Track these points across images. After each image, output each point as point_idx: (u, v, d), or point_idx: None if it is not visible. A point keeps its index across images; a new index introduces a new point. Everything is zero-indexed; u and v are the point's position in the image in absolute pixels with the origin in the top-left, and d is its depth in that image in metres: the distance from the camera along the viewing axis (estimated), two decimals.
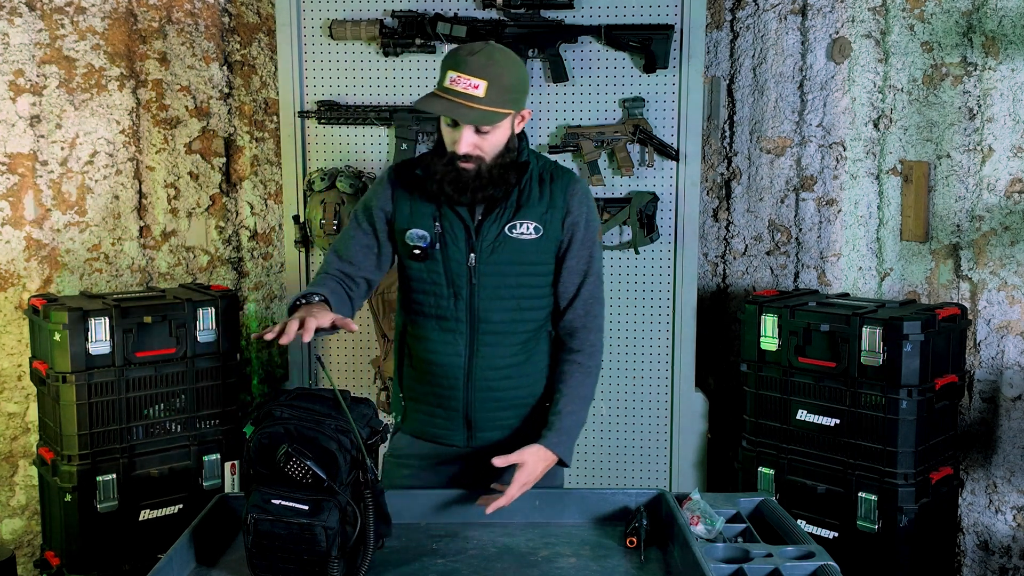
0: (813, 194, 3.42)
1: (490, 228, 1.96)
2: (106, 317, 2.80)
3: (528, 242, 1.97)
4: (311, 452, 1.52)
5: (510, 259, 1.97)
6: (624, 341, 3.16)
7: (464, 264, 1.97)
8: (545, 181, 2.00)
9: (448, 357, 2.00)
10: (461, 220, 1.96)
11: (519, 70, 1.91)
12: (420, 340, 2.03)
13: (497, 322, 1.98)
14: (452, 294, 1.98)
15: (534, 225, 1.97)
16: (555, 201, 1.99)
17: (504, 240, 1.96)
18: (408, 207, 2.00)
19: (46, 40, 3.28)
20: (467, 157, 1.89)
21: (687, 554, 1.57)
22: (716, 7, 3.54)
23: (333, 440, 1.54)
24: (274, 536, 1.51)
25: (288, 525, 1.51)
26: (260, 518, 1.51)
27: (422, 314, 2.02)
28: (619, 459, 3.20)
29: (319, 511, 1.50)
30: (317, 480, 1.51)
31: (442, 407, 2.03)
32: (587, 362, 2.04)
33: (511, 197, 1.97)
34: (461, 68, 1.84)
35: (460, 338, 1.99)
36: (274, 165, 3.68)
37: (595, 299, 2.05)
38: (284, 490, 1.52)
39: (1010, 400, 3.03)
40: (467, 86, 1.83)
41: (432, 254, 1.97)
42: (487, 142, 1.89)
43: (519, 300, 1.99)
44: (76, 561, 2.83)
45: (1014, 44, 2.94)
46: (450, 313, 1.98)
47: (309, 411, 1.60)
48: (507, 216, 1.97)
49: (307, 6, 3.12)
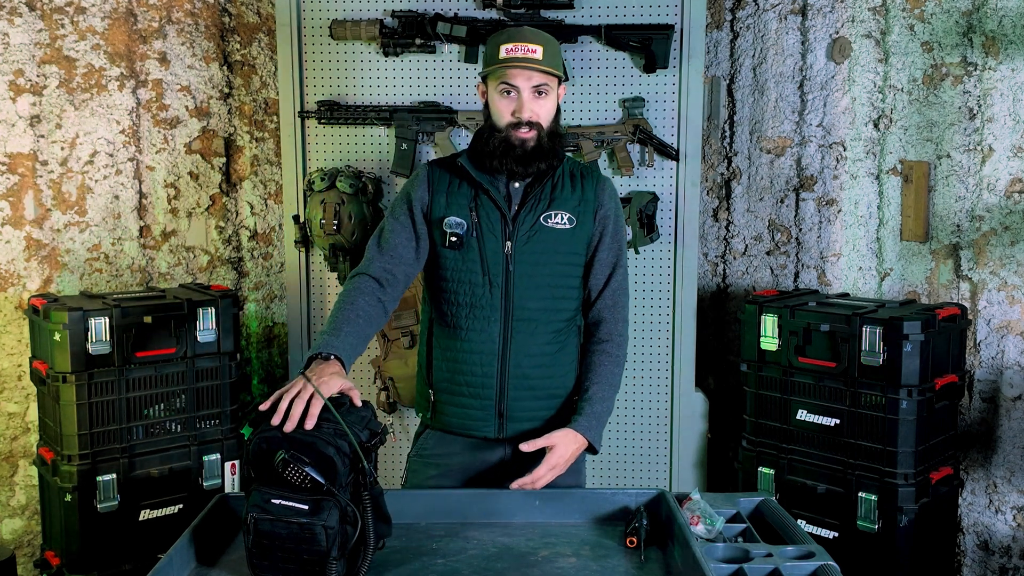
0: (813, 194, 3.42)
1: (526, 217, 2.02)
2: (106, 317, 2.80)
3: (563, 232, 2.04)
4: (309, 457, 1.51)
5: (545, 248, 2.03)
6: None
7: (500, 252, 2.02)
8: (576, 177, 2.09)
9: (482, 344, 2.03)
10: (498, 209, 2.02)
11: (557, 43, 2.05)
12: (453, 330, 2.05)
13: (532, 310, 2.03)
14: (487, 282, 2.01)
15: (568, 216, 2.04)
16: (587, 195, 2.07)
17: (540, 229, 2.02)
18: (444, 197, 2.05)
19: (46, 40, 3.28)
20: (528, 123, 1.97)
21: (687, 554, 1.57)
22: (716, 7, 3.54)
23: (331, 445, 1.53)
24: (274, 536, 1.51)
25: (288, 525, 1.50)
26: (260, 518, 1.51)
27: (456, 303, 2.05)
28: (619, 459, 3.20)
29: (319, 511, 1.50)
30: (316, 485, 1.51)
31: (475, 397, 2.05)
32: (615, 351, 2.10)
33: (545, 189, 2.05)
34: (516, 39, 1.97)
35: (494, 326, 2.02)
36: (274, 165, 3.68)
37: (622, 290, 2.12)
38: (284, 490, 1.52)
39: (1010, 400, 3.03)
40: (526, 51, 1.95)
41: (468, 242, 2.02)
42: (543, 108, 1.99)
43: (553, 289, 2.04)
44: (76, 561, 2.83)
45: (1014, 44, 2.94)
46: (485, 301, 2.02)
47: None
48: (542, 207, 2.03)
49: (307, 6, 3.12)
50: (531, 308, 2.03)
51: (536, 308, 2.03)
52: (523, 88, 1.97)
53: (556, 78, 2.00)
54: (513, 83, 1.97)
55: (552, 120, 2.02)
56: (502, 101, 2.00)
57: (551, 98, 2.01)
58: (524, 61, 1.94)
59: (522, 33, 1.98)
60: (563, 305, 2.07)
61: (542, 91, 1.98)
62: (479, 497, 1.88)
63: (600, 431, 2.04)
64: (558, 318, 2.06)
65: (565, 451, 1.95)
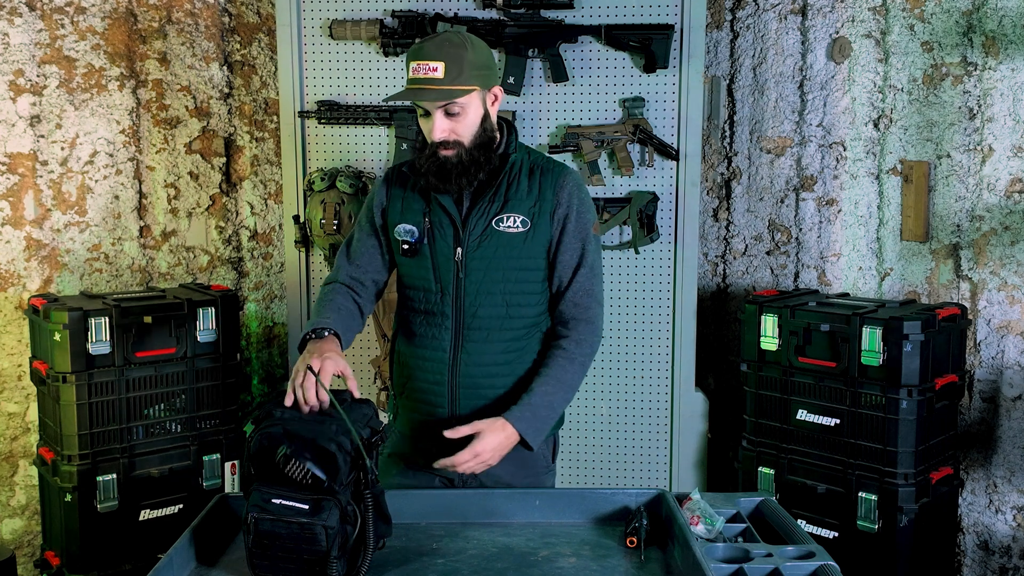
0: (813, 194, 3.42)
1: (477, 221, 1.96)
2: (106, 317, 2.80)
3: (515, 236, 1.96)
4: (310, 453, 1.51)
5: (497, 253, 1.95)
6: (624, 341, 3.16)
7: (451, 259, 1.97)
8: (535, 175, 1.99)
9: (434, 353, 1.99)
10: (448, 214, 1.97)
11: (478, 48, 1.92)
12: (409, 336, 2.04)
13: (484, 318, 1.97)
14: (439, 289, 1.98)
15: (521, 218, 1.96)
16: (544, 195, 1.97)
17: (491, 234, 1.95)
18: (400, 204, 2.02)
19: (46, 40, 3.28)
20: (444, 143, 1.90)
21: (687, 554, 1.57)
22: (716, 7, 3.54)
23: (333, 441, 1.53)
24: (274, 536, 1.51)
25: (288, 524, 1.50)
26: (260, 517, 1.51)
27: (412, 310, 2.03)
28: (619, 459, 3.20)
29: (319, 511, 1.50)
30: (317, 481, 1.51)
31: (428, 403, 2.02)
32: (573, 349, 1.99)
33: (500, 190, 1.96)
34: (418, 56, 1.88)
35: (446, 333, 1.98)
36: (274, 165, 3.68)
37: (587, 292, 2.00)
38: (284, 489, 1.52)
39: (1010, 400, 3.03)
40: (426, 71, 1.87)
41: (421, 249, 1.98)
42: (460, 124, 1.90)
43: (507, 296, 1.97)
44: (76, 561, 2.83)
45: (1014, 44, 2.94)
46: (437, 308, 1.98)
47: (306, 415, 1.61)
48: (494, 209, 1.96)
49: (307, 6, 3.12)
50: (483, 316, 1.96)
51: (488, 316, 1.96)
52: (431, 109, 1.90)
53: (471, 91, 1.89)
54: (422, 105, 1.91)
55: (478, 130, 1.91)
56: (422, 121, 1.94)
57: (469, 112, 1.90)
58: (425, 83, 1.86)
59: (424, 50, 1.88)
60: (519, 312, 1.98)
61: (452, 111, 1.89)
62: (479, 497, 1.89)
63: (536, 425, 1.93)
64: (514, 326, 1.98)
65: (492, 439, 1.87)
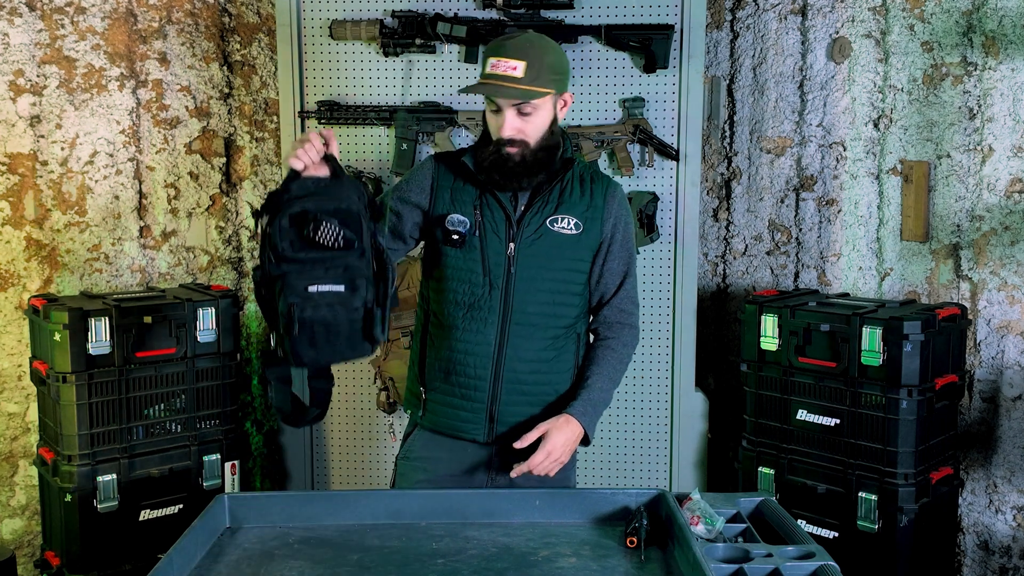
0: (813, 194, 3.42)
1: (531, 220, 1.99)
2: (106, 317, 2.80)
3: (568, 237, 2.01)
4: (337, 218, 1.65)
5: (549, 252, 2.00)
6: None
7: (503, 253, 1.99)
8: (586, 182, 2.05)
9: (477, 346, 2.00)
10: (503, 210, 1.99)
11: (557, 52, 1.96)
12: (448, 330, 2.03)
13: (530, 314, 2.00)
14: (487, 283, 1.99)
15: (575, 221, 2.01)
16: (595, 201, 2.03)
17: (545, 233, 1.99)
18: (449, 193, 2.02)
19: (46, 40, 3.28)
20: (511, 142, 1.93)
21: (687, 554, 1.57)
22: (716, 7, 3.54)
23: (350, 205, 1.67)
24: (313, 322, 1.62)
25: (332, 307, 1.63)
26: (301, 304, 1.62)
27: (453, 303, 2.02)
28: (619, 459, 3.20)
29: (355, 289, 1.64)
30: (347, 243, 1.63)
31: (467, 399, 2.02)
32: (620, 349, 2.07)
33: (553, 192, 2.01)
34: (499, 53, 1.91)
35: (491, 328, 1.99)
36: (274, 165, 3.68)
37: (632, 300, 2.10)
38: (315, 275, 1.63)
39: (1010, 400, 3.03)
40: (506, 68, 1.89)
41: (470, 241, 1.99)
42: (530, 125, 1.94)
43: (554, 294, 2.01)
44: (76, 561, 2.83)
45: (1014, 44, 2.94)
46: (483, 302, 1.99)
47: (317, 187, 1.72)
48: (549, 210, 2.00)
49: (307, 6, 3.12)
50: (530, 312, 2.00)
51: (535, 312, 2.00)
52: (504, 107, 1.93)
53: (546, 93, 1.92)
54: (496, 101, 1.94)
55: (545, 132, 1.96)
56: (491, 116, 1.97)
57: (539, 114, 1.94)
58: (503, 80, 1.90)
59: (506, 47, 1.92)
60: (563, 311, 2.03)
61: (524, 111, 1.93)
62: (479, 497, 1.88)
63: (595, 420, 2.01)
64: (557, 324, 2.03)
65: (560, 436, 1.93)
